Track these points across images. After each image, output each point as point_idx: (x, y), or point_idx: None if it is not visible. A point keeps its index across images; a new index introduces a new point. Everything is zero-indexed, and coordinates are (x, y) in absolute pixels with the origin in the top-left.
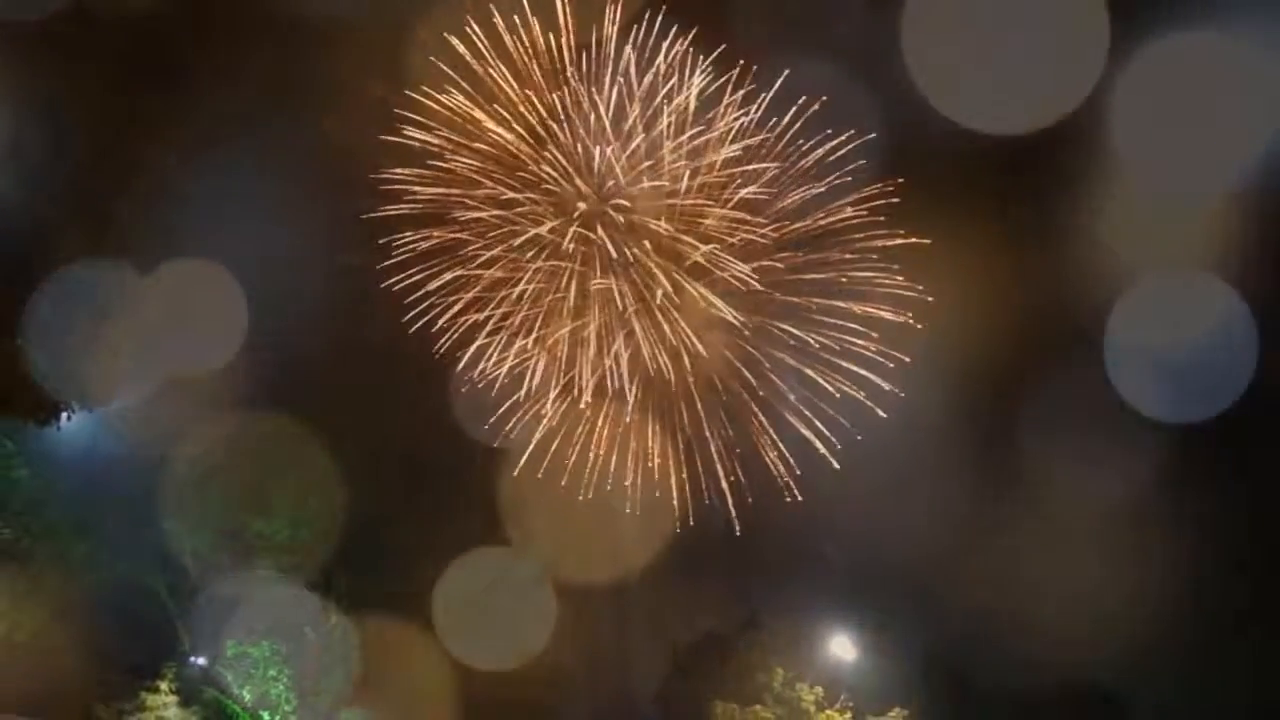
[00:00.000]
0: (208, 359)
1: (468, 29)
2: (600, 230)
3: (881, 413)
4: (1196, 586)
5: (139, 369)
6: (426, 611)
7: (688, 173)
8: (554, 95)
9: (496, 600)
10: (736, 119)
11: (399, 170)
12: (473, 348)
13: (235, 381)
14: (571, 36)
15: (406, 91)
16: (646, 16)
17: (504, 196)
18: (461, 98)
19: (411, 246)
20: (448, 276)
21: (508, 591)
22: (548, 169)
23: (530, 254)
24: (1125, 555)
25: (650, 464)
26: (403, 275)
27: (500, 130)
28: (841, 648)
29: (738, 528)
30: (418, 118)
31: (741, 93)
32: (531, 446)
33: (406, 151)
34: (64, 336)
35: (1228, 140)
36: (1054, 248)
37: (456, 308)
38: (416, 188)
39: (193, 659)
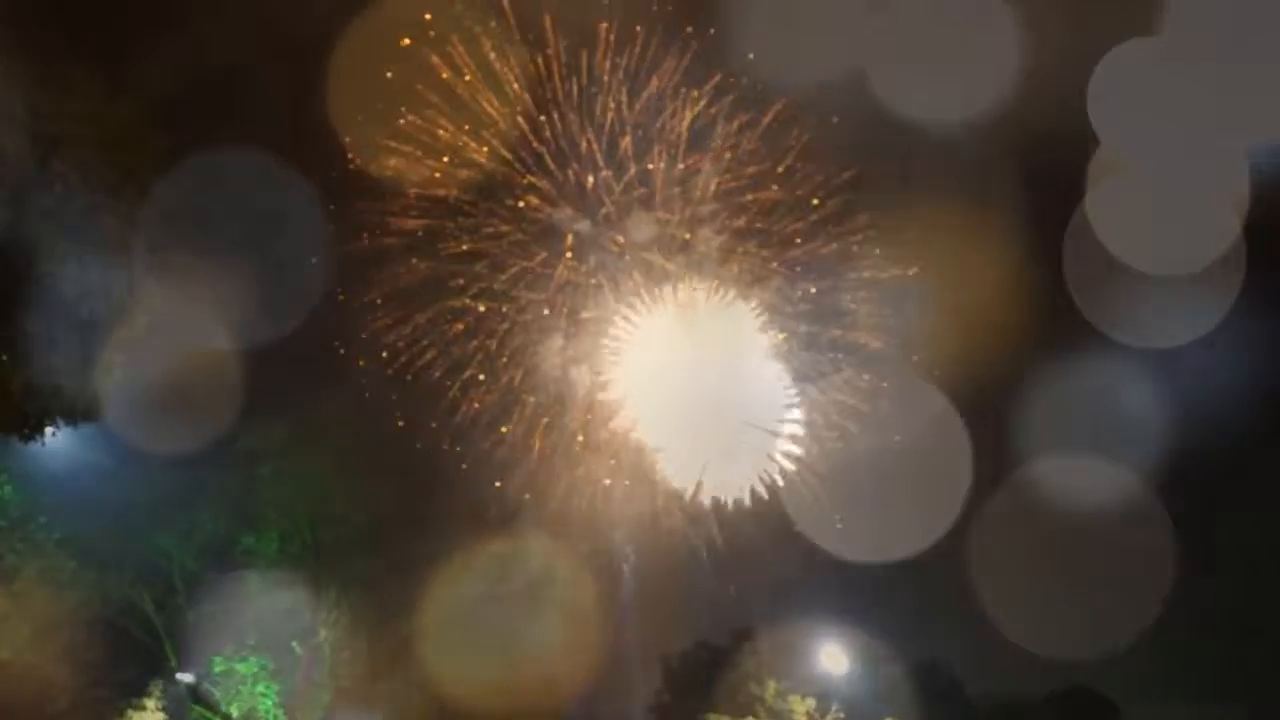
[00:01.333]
0: (196, 372)
1: (451, 50)
2: (592, 260)
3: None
4: (1193, 592)
5: (125, 383)
6: (416, 625)
7: (680, 202)
8: (543, 118)
9: (487, 613)
10: (732, 144)
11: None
12: (461, 379)
13: (224, 395)
14: (560, 55)
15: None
16: (641, 33)
17: (489, 229)
18: (446, 122)
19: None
20: (434, 310)
21: (499, 604)
22: (535, 198)
23: (520, 285)
24: (1120, 561)
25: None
26: (388, 306)
27: (485, 158)
28: (833, 659)
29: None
30: (399, 146)
31: (738, 121)
32: (524, 464)
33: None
34: (49, 350)
35: (1228, 139)
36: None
37: (447, 338)
38: (398, 219)
39: (180, 675)
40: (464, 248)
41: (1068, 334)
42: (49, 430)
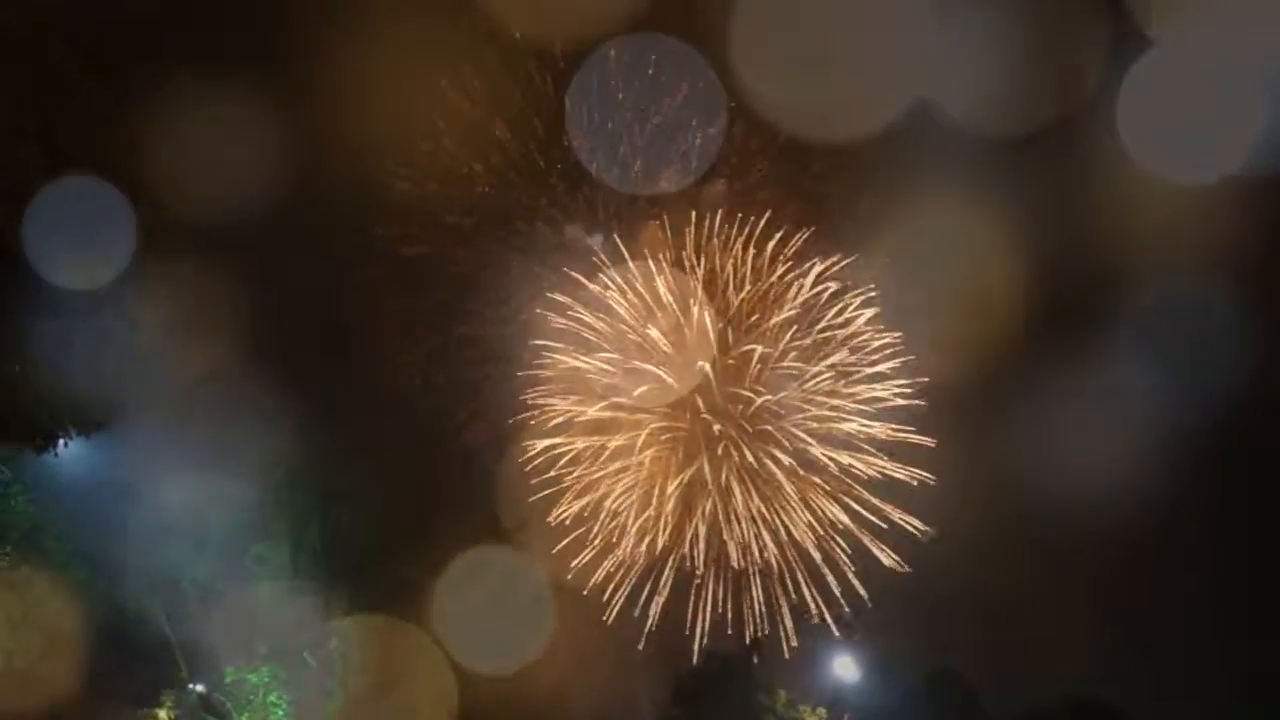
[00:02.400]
0: (207, 382)
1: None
2: (603, 277)
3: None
4: (1201, 599)
5: (137, 393)
6: (427, 634)
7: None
8: (555, 151)
9: (498, 623)
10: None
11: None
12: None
13: (235, 403)
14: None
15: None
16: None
17: (499, 251)
18: (455, 146)
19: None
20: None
21: (509, 614)
22: (545, 220)
23: (531, 303)
24: (1129, 570)
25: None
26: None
27: (495, 181)
28: (844, 668)
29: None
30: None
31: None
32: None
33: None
34: (61, 362)
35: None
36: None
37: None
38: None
39: (191, 685)
40: (474, 271)
41: (1073, 336)
42: (61, 441)
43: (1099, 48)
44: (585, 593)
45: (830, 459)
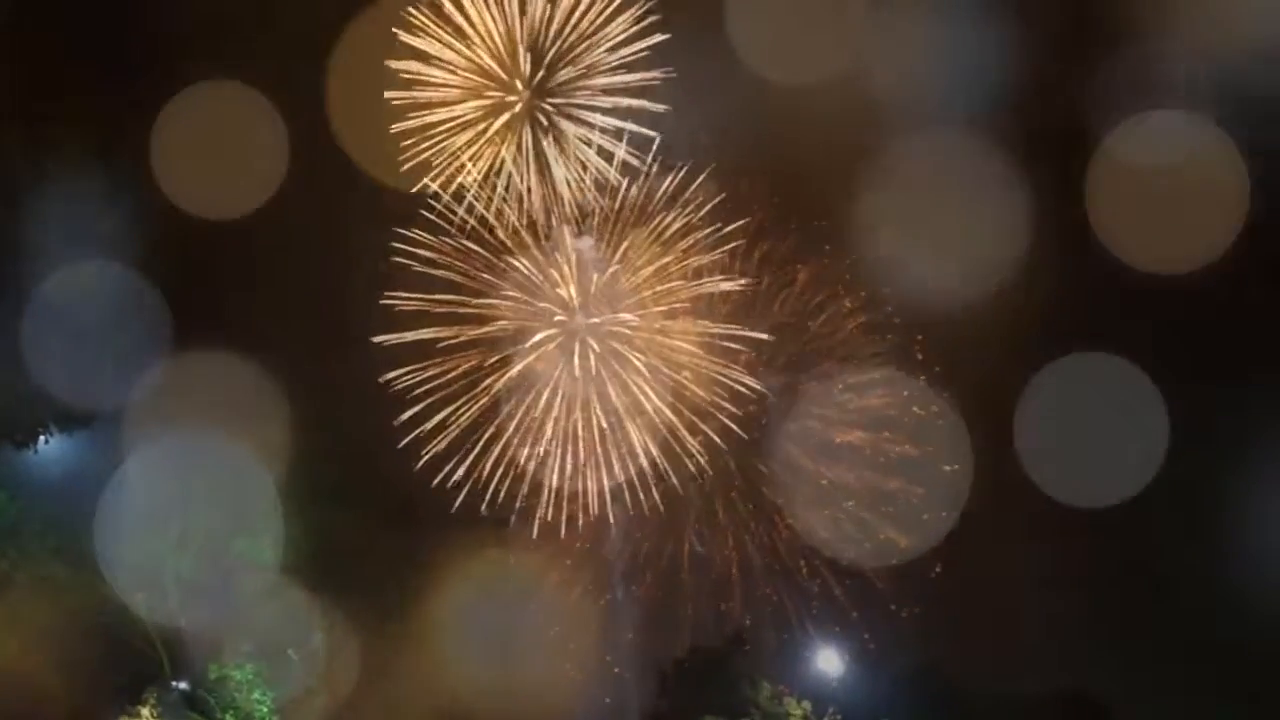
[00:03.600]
0: (189, 378)
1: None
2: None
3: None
4: (1191, 593)
5: (118, 389)
6: (411, 631)
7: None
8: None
9: (482, 618)
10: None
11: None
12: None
13: (220, 400)
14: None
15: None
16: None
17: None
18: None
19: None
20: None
21: (493, 609)
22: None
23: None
24: (1115, 562)
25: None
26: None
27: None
28: (828, 661)
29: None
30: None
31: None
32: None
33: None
34: (42, 358)
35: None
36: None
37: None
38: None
39: (175, 682)
40: (462, 275)
41: (1068, 335)
42: (42, 437)
43: (1099, 45)
44: (573, 588)
45: (818, 468)
